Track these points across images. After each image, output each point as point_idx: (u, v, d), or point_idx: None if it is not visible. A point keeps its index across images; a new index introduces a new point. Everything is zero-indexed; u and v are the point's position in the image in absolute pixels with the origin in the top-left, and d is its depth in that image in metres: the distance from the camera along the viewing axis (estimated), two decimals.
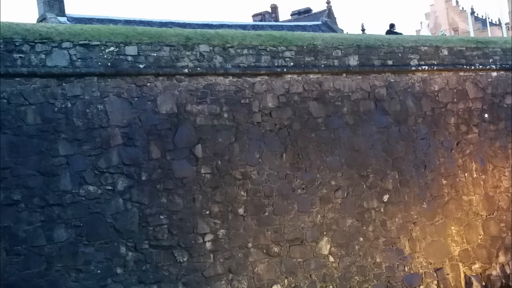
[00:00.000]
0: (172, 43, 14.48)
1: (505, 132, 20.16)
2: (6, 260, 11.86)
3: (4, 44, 12.39)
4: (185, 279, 13.72)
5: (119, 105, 13.56)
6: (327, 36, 18.63)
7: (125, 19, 25.90)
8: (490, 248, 19.01)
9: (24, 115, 12.46)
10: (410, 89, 18.27)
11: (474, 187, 19.06)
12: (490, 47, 20.61)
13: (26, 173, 12.28)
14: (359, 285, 16.13)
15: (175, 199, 13.89)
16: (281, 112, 15.81)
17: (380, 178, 17.12)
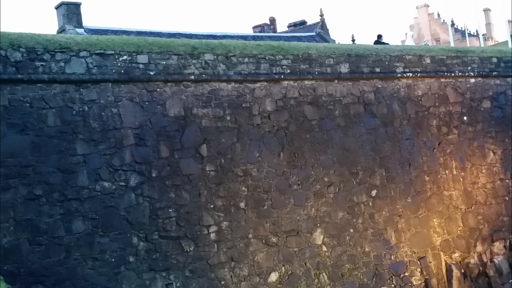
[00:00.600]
0: (180, 52, 14.49)
1: (482, 133, 20.18)
2: (29, 250, 11.89)
3: (27, 53, 12.41)
4: (192, 267, 13.73)
5: (131, 108, 13.57)
6: (321, 46, 18.65)
7: (137, 31, 25.91)
8: (469, 238, 19.03)
9: (45, 117, 12.48)
10: (396, 94, 18.29)
11: (454, 183, 19.08)
12: (469, 56, 20.62)
13: (47, 170, 12.30)
14: (350, 272, 16.15)
15: (182, 194, 13.90)
16: (279, 115, 15.82)
17: (369, 175, 17.14)
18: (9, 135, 12.01)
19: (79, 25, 23.83)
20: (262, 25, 39.74)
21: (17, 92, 12.22)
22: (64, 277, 12.16)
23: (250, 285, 14.46)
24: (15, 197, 11.88)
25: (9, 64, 12.18)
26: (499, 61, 21.33)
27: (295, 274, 15.24)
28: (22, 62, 12.33)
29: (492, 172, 20.15)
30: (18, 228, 11.83)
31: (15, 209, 11.85)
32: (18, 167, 11.99)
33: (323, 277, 15.66)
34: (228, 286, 14.15)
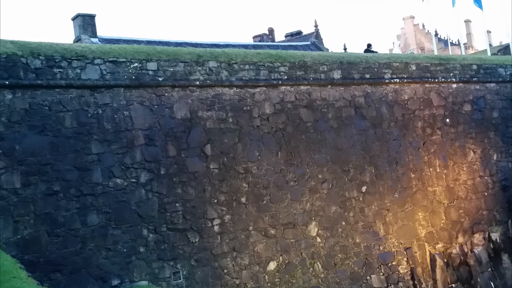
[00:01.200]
0: (186, 59, 14.50)
1: (463, 134, 20.20)
2: (48, 241, 11.90)
3: (46, 60, 12.42)
4: (197, 257, 13.74)
5: (141, 111, 13.57)
6: (315, 54, 18.66)
7: (147, 40, 25.92)
8: (451, 230, 19.04)
9: (63, 119, 12.48)
10: (384, 98, 18.30)
11: (438, 180, 19.09)
12: (451, 63, 20.65)
13: (64, 168, 12.31)
14: (342, 261, 16.16)
15: (188, 190, 13.90)
16: (277, 117, 15.83)
17: (359, 172, 17.14)
18: (30, 136, 12.02)
19: (93, 35, 23.87)
20: (262, 35, 39.77)
21: (36, 97, 12.23)
22: (80, 266, 12.18)
23: (251, 273, 14.46)
24: (35, 192, 11.89)
25: (30, 71, 12.19)
26: (478, 68, 21.36)
27: (292, 263, 15.25)
28: (42, 69, 12.34)
29: (472, 170, 20.17)
30: (38, 221, 11.84)
31: (35, 203, 11.86)
32: (38, 165, 12.00)
33: (317, 266, 15.68)
34: (230, 274, 14.16)
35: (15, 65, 12.02)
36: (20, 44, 12.54)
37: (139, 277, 12.83)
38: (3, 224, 11.46)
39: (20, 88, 12.04)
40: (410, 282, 17.41)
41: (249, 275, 14.44)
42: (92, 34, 23.81)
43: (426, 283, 17.85)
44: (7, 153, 11.70)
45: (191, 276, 13.56)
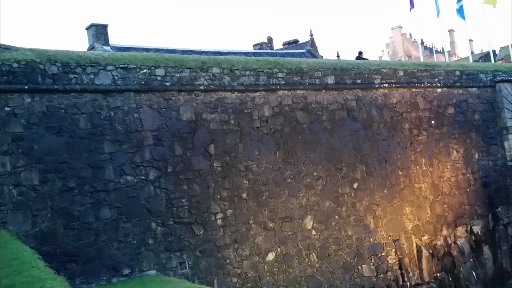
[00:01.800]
0: (191, 66, 14.51)
1: (447, 135, 20.24)
2: (64, 233, 11.91)
3: (62, 67, 12.43)
4: (201, 248, 13.74)
5: (150, 114, 13.58)
6: (310, 61, 18.66)
7: (155, 48, 25.90)
8: (436, 224, 19.07)
9: (78, 121, 12.49)
10: (374, 102, 18.31)
11: (424, 177, 19.11)
12: (436, 69, 20.67)
13: (79, 166, 12.31)
14: (335, 252, 16.16)
15: (194, 186, 13.91)
16: (275, 119, 15.83)
17: (351, 170, 17.15)
18: (47, 137, 12.03)
19: (106, 43, 23.88)
20: (261, 43, 39.74)
21: (53, 100, 12.23)
22: (94, 256, 12.18)
23: (251, 263, 14.47)
24: (52, 188, 11.90)
25: (47, 77, 12.20)
26: (461, 74, 21.40)
27: (289, 254, 15.26)
28: (58, 74, 12.34)
29: (456, 168, 20.20)
30: (54, 215, 11.85)
31: (52, 199, 11.87)
32: (55, 164, 12.01)
33: (313, 257, 15.68)
34: (232, 264, 14.16)
35: (33, 71, 12.03)
36: (38, 51, 12.55)
37: (148, 267, 12.84)
38: (23, 218, 11.48)
39: (38, 93, 12.05)
40: (398, 272, 17.42)
41: (250, 265, 14.44)
42: (104, 42, 23.82)
43: (413, 272, 17.87)
44: (26, 152, 11.72)
45: (196, 266, 13.57)
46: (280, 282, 14.85)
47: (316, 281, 15.50)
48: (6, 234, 10.62)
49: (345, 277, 16.08)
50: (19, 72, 11.84)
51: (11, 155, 11.55)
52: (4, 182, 11.38)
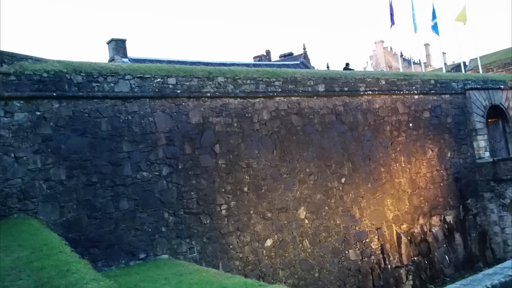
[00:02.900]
0: (199, 76, 14.51)
1: (424, 136, 20.25)
2: (87, 222, 11.91)
3: (86, 76, 12.44)
4: (208, 235, 13.75)
5: (163, 117, 13.58)
6: (303, 71, 18.68)
7: (168, 60, 25.86)
8: (413, 214, 19.08)
9: (100, 124, 12.49)
10: (359, 107, 18.32)
11: (403, 173, 19.12)
12: (413, 78, 20.68)
13: (100, 163, 12.32)
14: (325, 239, 16.18)
15: (201, 181, 13.91)
16: (273, 122, 15.84)
17: (339, 167, 17.16)
18: (73, 137, 12.04)
19: (124, 55, 23.84)
20: (260, 55, 39.66)
21: (78, 106, 12.23)
22: (114, 242, 12.19)
23: (251, 249, 14.47)
24: (77, 183, 11.90)
25: (73, 85, 12.21)
26: (436, 82, 21.42)
27: (285, 240, 15.26)
28: (82, 83, 12.35)
29: (431, 165, 20.21)
30: (79, 206, 11.86)
31: (77, 192, 11.88)
32: (79, 161, 12.02)
33: (306, 243, 15.69)
34: (235, 249, 14.17)
35: (61, 80, 12.04)
36: (65, 63, 12.56)
37: (161, 252, 12.85)
38: (51, 208, 11.49)
39: (65, 99, 12.06)
40: (380, 256, 17.44)
41: (250, 250, 14.45)
42: (123, 55, 23.79)
43: (393, 256, 17.88)
44: (54, 151, 11.72)
45: (203, 251, 13.57)
46: (277, 265, 14.86)
47: (308, 264, 15.51)
48: (37, 223, 10.63)
49: (334, 261, 16.09)
50: (48, 81, 11.85)
51: (42, 153, 11.56)
52: (35, 177, 11.39)
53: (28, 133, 11.45)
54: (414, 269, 18.26)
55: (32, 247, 7.93)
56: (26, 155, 11.36)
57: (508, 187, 20.68)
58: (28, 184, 11.29)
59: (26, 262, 6.91)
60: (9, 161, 11.15)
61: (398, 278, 17.69)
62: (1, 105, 11.23)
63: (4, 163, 11.08)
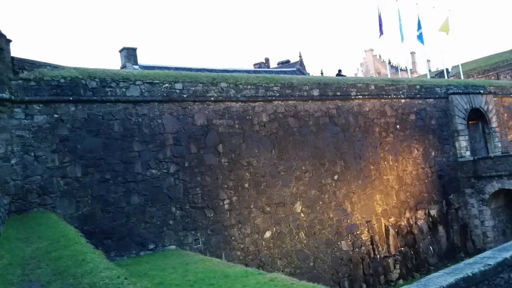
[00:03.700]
0: (204, 81, 14.51)
1: (410, 137, 20.25)
2: (101, 216, 11.91)
3: (100, 82, 12.44)
4: (212, 227, 13.75)
5: (171, 120, 13.58)
6: (300, 77, 18.67)
7: (175, 67, 25.83)
8: (400, 208, 19.08)
9: (112, 126, 12.49)
10: (351, 110, 18.31)
11: (391, 170, 19.12)
12: (400, 84, 20.68)
13: (113, 161, 12.32)
14: (319, 231, 16.18)
15: (206, 178, 13.91)
16: (271, 124, 15.84)
17: (332, 165, 17.16)
18: (88, 138, 12.03)
19: (135, 63, 23.82)
20: (260, 63, 39.63)
21: (93, 109, 12.23)
22: (125, 234, 12.19)
23: (252, 240, 14.48)
24: (92, 180, 11.90)
25: (88, 90, 12.20)
26: (421, 87, 21.41)
27: (282, 232, 15.27)
28: (97, 88, 12.35)
29: (416, 163, 20.21)
30: (94, 201, 11.86)
31: (92, 188, 11.88)
32: (94, 160, 12.01)
33: (301, 234, 15.69)
34: (237, 240, 14.17)
35: (77, 85, 12.04)
36: (81, 69, 12.56)
37: (169, 243, 12.85)
38: (68, 203, 11.49)
39: (80, 103, 12.06)
40: (370, 247, 17.44)
41: (251, 241, 14.45)
42: (134, 62, 23.77)
43: (382, 247, 17.88)
44: (71, 150, 11.72)
45: (208, 242, 13.57)
46: (275, 255, 14.86)
47: (304, 254, 15.51)
48: (55, 216, 10.63)
49: (327, 251, 16.09)
50: (65, 86, 11.85)
51: (59, 153, 11.56)
52: (53, 175, 11.40)
53: (46, 134, 11.46)
54: (401, 258, 18.27)
55: (50, 238, 7.93)
56: (45, 154, 11.37)
57: (487, 183, 20.69)
58: (47, 180, 11.30)
59: (45, 252, 6.91)
60: (29, 160, 11.16)
61: (386, 267, 17.70)
62: (22, 108, 11.24)
63: (25, 161, 11.09)
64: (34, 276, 5.63)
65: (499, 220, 21.29)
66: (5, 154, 10.89)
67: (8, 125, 11.01)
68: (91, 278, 5.24)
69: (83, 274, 5.47)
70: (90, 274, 5.42)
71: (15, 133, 11.07)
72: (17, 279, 5.55)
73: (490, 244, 20.53)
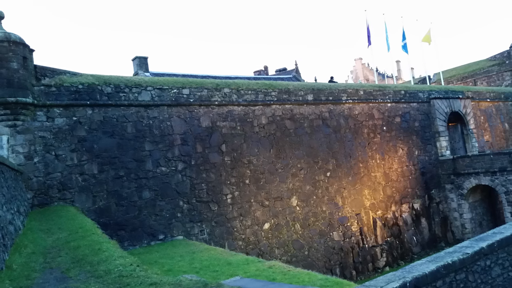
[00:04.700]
0: (209, 87, 14.51)
1: (395, 137, 20.24)
2: (115, 209, 11.91)
3: (114, 87, 12.44)
4: (216, 220, 13.75)
5: (179, 122, 13.58)
6: (295, 84, 18.67)
7: (182, 74, 25.79)
8: (387, 202, 19.08)
9: (126, 127, 12.49)
10: (342, 113, 18.31)
11: (378, 168, 19.12)
12: (387, 89, 20.67)
13: (126, 160, 12.32)
14: (313, 223, 16.17)
15: (210, 175, 13.91)
16: (270, 126, 15.84)
17: (325, 163, 17.16)
18: (104, 139, 12.03)
19: (146, 70, 23.80)
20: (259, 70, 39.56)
21: (108, 112, 12.23)
22: (137, 226, 12.19)
23: (252, 231, 14.48)
24: (107, 176, 11.90)
25: (103, 95, 12.20)
26: (405, 93, 21.40)
27: (280, 224, 15.27)
28: (111, 93, 12.35)
29: (401, 161, 20.20)
30: (109, 195, 11.86)
31: (107, 184, 11.88)
32: (109, 158, 12.01)
33: (297, 226, 15.69)
34: (238, 231, 14.17)
35: (93, 90, 12.04)
36: (97, 76, 12.56)
37: (177, 234, 12.86)
38: (86, 197, 11.49)
39: (97, 106, 12.06)
40: (359, 237, 17.43)
41: (251, 232, 14.46)
42: (145, 70, 23.75)
43: (370, 237, 17.88)
44: (88, 150, 11.73)
45: (212, 233, 13.58)
46: (273, 244, 14.87)
47: (299, 243, 15.51)
48: (74, 209, 10.64)
49: (320, 241, 16.10)
50: (83, 92, 11.85)
51: (77, 152, 11.56)
52: (72, 172, 11.40)
53: (66, 135, 11.46)
54: (387, 248, 18.27)
55: (69, 229, 7.93)
56: (65, 153, 11.38)
57: (466, 179, 20.70)
58: (66, 177, 11.30)
59: (65, 242, 6.91)
60: (50, 158, 11.16)
61: (374, 255, 17.70)
62: (44, 111, 11.25)
63: (46, 160, 11.10)
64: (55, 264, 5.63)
65: (476, 213, 21.29)
66: (29, 153, 10.91)
67: (31, 127, 11.03)
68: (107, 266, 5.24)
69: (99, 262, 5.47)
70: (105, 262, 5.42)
71: (37, 134, 11.08)
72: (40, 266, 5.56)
73: (468, 234, 20.54)
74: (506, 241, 9.48)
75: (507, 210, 18.94)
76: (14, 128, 10.80)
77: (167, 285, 4.14)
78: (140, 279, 4.52)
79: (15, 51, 10.52)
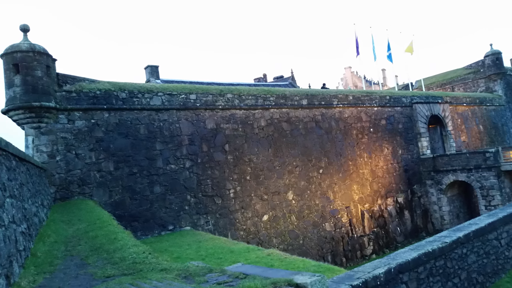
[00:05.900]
0: (213, 93, 14.51)
1: (381, 138, 20.22)
2: (129, 202, 11.91)
3: (128, 93, 12.43)
4: (220, 212, 13.75)
5: (186, 124, 13.57)
6: (291, 89, 18.68)
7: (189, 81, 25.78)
8: (373, 196, 19.07)
9: (139, 129, 12.49)
10: (333, 116, 18.30)
11: (365, 165, 19.11)
12: (373, 95, 20.67)
13: (139, 158, 12.31)
14: (307, 215, 16.17)
15: (215, 172, 13.91)
16: (268, 128, 15.83)
17: (318, 161, 17.15)
18: (119, 139, 12.03)
19: (157, 78, 23.79)
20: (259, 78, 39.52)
21: (123, 115, 12.22)
22: (149, 218, 12.19)
23: (252, 222, 14.47)
24: (122, 173, 11.90)
25: (119, 100, 12.20)
26: (390, 98, 21.38)
27: (277, 216, 15.27)
28: (126, 98, 12.34)
29: (386, 160, 20.19)
30: (124, 190, 11.85)
31: (122, 180, 11.87)
32: (124, 157, 12.01)
33: (293, 218, 15.69)
34: (240, 222, 14.17)
35: (110, 96, 12.03)
36: (113, 83, 12.56)
37: (185, 225, 12.86)
38: (103, 192, 11.48)
39: (113, 110, 12.05)
40: (349, 227, 17.43)
41: (252, 223, 14.45)
42: (156, 77, 23.75)
43: (358, 228, 17.88)
44: (105, 149, 11.72)
45: (216, 224, 13.58)
46: (271, 234, 14.87)
47: (295, 233, 15.51)
48: (92, 203, 10.63)
49: (314, 231, 16.10)
50: (100, 97, 11.85)
51: (95, 151, 11.56)
52: (91, 169, 11.39)
53: (85, 136, 11.46)
54: (374, 237, 18.28)
55: (88, 221, 7.93)
56: (84, 152, 11.38)
57: (444, 176, 20.70)
58: (85, 174, 11.30)
59: (84, 232, 6.91)
60: (71, 157, 11.16)
61: (362, 244, 17.70)
62: (65, 115, 11.25)
63: (67, 158, 11.10)
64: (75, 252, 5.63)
65: (454, 206, 21.29)
66: (52, 152, 10.91)
67: (54, 129, 11.03)
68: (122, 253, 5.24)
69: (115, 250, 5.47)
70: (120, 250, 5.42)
71: (59, 135, 11.09)
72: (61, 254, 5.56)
73: (447, 225, 20.54)
74: (481, 231, 9.49)
75: (482, 203, 18.95)
76: (38, 130, 10.81)
77: (176, 271, 4.14)
78: (152, 265, 4.52)
79: (39, 60, 10.53)
